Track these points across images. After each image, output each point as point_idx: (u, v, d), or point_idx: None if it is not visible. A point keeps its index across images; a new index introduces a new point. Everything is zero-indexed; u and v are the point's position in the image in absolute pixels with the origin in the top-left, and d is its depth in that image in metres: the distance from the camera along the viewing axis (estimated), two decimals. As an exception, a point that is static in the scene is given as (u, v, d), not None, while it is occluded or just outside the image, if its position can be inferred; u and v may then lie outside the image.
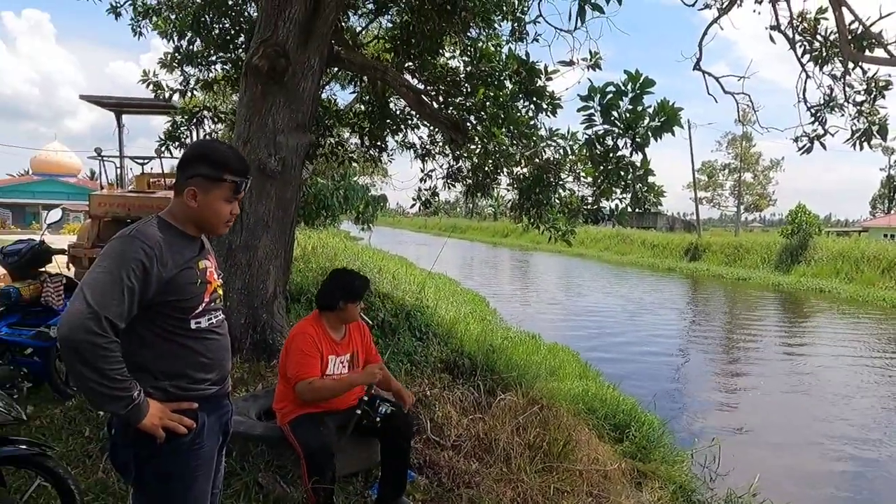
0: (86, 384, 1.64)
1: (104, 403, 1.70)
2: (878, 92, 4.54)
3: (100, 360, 1.61)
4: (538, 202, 6.26)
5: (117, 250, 1.71)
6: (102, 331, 1.61)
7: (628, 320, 15.50)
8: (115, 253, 1.71)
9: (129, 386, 1.68)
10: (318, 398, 3.06)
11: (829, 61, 4.61)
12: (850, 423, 7.80)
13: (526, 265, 33.08)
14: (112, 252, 1.71)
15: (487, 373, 5.85)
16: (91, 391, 1.66)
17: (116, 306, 1.64)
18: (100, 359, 1.61)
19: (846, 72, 4.55)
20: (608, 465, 4.70)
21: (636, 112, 4.67)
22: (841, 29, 4.08)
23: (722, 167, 50.72)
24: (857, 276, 23.88)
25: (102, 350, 1.61)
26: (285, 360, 3.15)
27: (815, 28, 4.58)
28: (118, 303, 1.65)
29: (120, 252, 1.70)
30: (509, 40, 6.58)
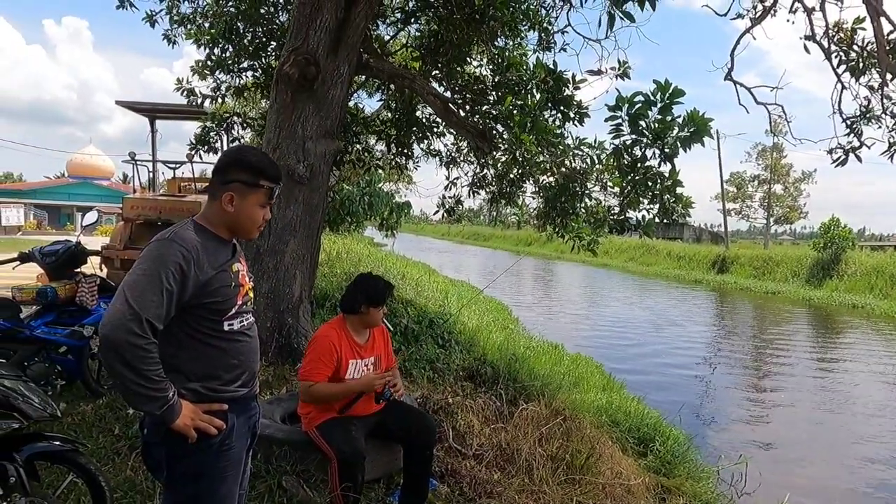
0: (124, 384, 1.69)
1: (141, 403, 1.73)
2: (917, 103, 4.44)
3: (139, 360, 1.65)
4: (564, 211, 6.23)
5: (156, 253, 1.75)
6: (143, 332, 1.65)
7: (653, 332, 15.27)
8: (154, 256, 1.75)
9: (165, 387, 1.72)
10: (315, 400, 3.13)
11: (866, 72, 4.51)
12: (883, 443, 7.55)
13: (549, 274, 32.87)
14: (151, 255, 1.76)
15: (510, 382, 5.82)
16: (128, 391, 1.70)
17: (156, 308, 1.69)
18: (139, 359, 1.65)
19: (884, 83, 4.44)
20: (631, 479, 4.62)
21: (665, 122, 4.63)
22: (879, 39, 3.99)
23: (751, 178, 49.72)
24: (892, 291, 23.16)
25: (142, 351, 1.65)
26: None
27: (852, 38, 4.48)
28: (157, 304, 1.69)
29: (158, 255, 1.75)
30: (537, 49, 6.58)
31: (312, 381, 3.08)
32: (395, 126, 7.31)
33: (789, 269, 29.25)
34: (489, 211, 11.95)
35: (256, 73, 7.03)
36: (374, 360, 3.32)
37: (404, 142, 7.28)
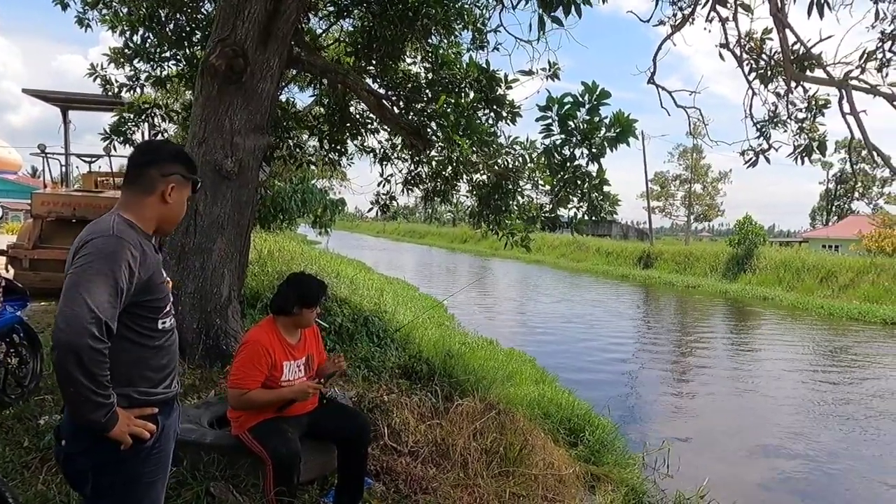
0: (78, 391, 1.57)
1: (89, 412, 1.62)
2: (817, 110, 4.80)
3: (97, 365, 1.56)
4: (497, 208, 6.34)
5: (106, 251, 1.65)
6: (102, 335, 1.56)
7: (584, 326, 15.79)
8: (103, 253, 1.64)
9: (111, 392, 1.63)
10: (247, 408, 3.03)
11: (774, 80, 4.85)
12: (792, 427, 8.14)
13: (484, 271, 33.31)
14: (99, 252, 1.65)
15: (445, 378, 5.87)
16: (80, 399, 1.58)
17: (111, 308, 1.60)
18: (97, 364, 1.56)
19: (789, 90, 4.79)
20: (563, 469, 4.77)
21: (593, 123, 4.79)
22: (784, 49, 4.30)
23: (674, 178, 52.38)
24: (797, 284, 25.01)
25: (101, 356, 1.57)
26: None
27: (761, 48, 4.81)
28: (112, 305, 1.61)
29: (109, 252, 1.65)
30: (470, 48, 6.65)
31: (245, 388, 2.98)
32: (329, 122, 7.19)
33: (708, 264, 31.01)
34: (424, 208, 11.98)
35: (180, 63, 6.71)
36: (307, 360, 3.26)
37: (338, 138, 7.18)
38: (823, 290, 23.62)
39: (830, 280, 24.07)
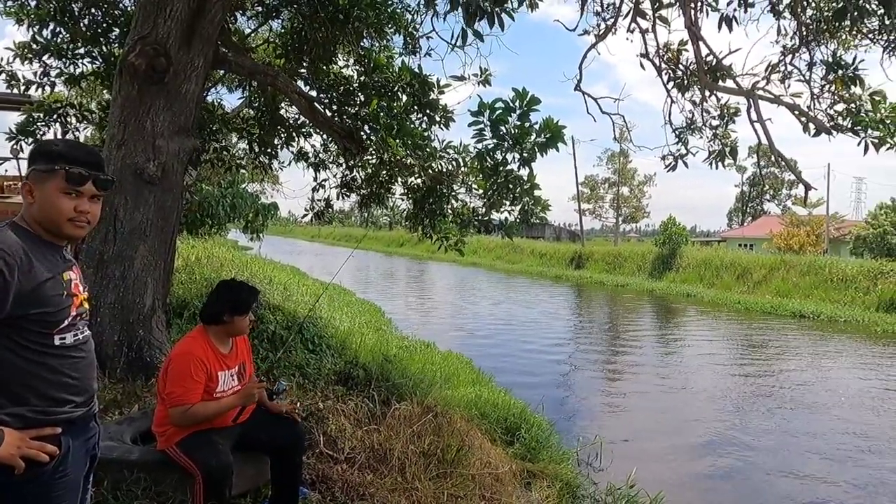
0: None
1: None
2: (729, 118, 5.14)
3: None
4: (432, 212, 6.38)
5: None
6: None
7: (520, 327, 16.09)
8: None
9: None
10: (192, 423, 2.90)
11: (690, 89, 5.15)
12: (713, 418, 8.61)
13: (421, 274, 33.36)
14: None
15: (383, 383, 5.83)
16: None
17: None
18: None
19: (704, 99, 5.10)
20: (500, 467, 4.85)
21: (523, 128, 4.91)
22: (698, 60, 4.57)
23: (603, 181, 54.37)
24: (717, 281, 26.52)
25: None
26: (164, 380, 2.96)
27: (678, 58, 5.09)
28: None
29: None
30: (402, 53, 6.66)
31: (188, 403, 2.84)
32: (259, 124, 7.01)
33: (635, 264, 32.37)
34: (360, 212, 11.85)
35: (96, 60, 6.36)
36: (240, 368, 3.17)
37: (268, 141, 7.01)
38: (740, 287, 25.15)
39: (746, 277, 25.65)
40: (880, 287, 20.63)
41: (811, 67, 4.47)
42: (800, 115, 4.44)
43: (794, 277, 23.82)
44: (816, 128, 4.37)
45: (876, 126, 4.15)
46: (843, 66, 4.31)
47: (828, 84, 4.40)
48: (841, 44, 4.70)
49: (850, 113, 4.27)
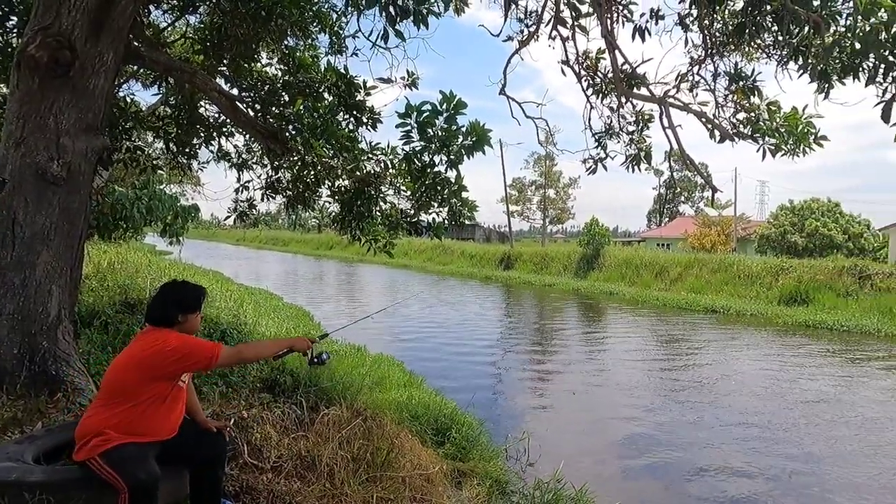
0: None
1: None
2: (643, 124, 5.42)
3: None
4: (360, 214, 6.32)
5: None
6: None
7: (451, 328, 16.22)
8: None
9: None
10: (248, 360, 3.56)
11: (608, 95, 5.39)
12: (636, 409, 9.02)
13: (351, 277, 32.95)
14: None
15: (311, 388, 5.71)
16: None
17: None
18: None
19: (620, 105, 5.35)
20: (430, 468, 4.87)
21: (450, 131, 4.97)
22: (615, 68, 4.79)
23: (530, 184, 55.75)
24: (637, 280, 27.80)
25: None
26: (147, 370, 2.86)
27: (596, 66, 5.32)
28: None
29: None
30: (328, 52, 6.57)
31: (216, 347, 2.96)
32: (176, 123, 6.70)
33: (562, 264, 33.40)
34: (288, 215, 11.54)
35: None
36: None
37: (186, 141, 6.71)
38: (658, 284, 26.48)
39: (663, 275, 27.04)
40: (781, 282, 22.30)
41: (716, 78, 4.80)
42: (706, 123, 4.75)
43: (706, 275, 25.33)
44: (721, 134, 4.70)
45: (772, 134, 4.51)
46: (743, 77, 4.66)
47: (730, 94, 4.74)
48: (744, 56, 5.05)
49: (750, 121, 4.62)
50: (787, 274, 22.60)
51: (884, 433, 8.01)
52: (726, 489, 6.16)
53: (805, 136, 4.55)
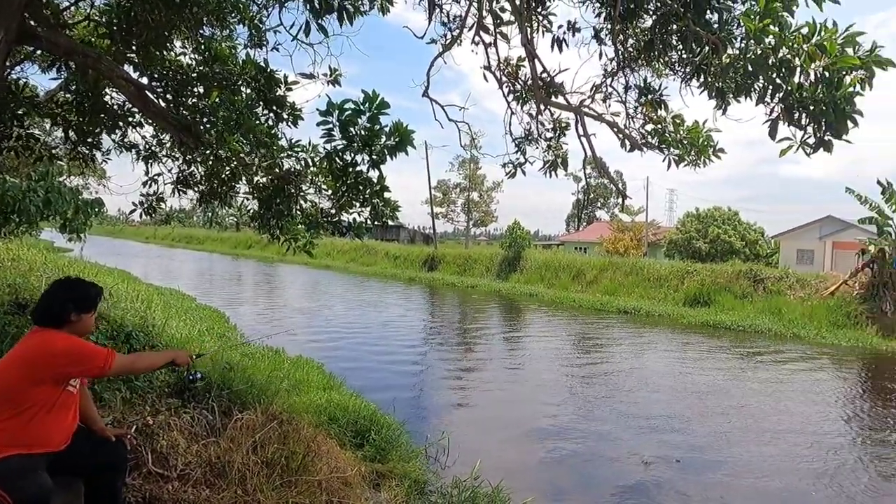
0: None
1: None
2: (560, 131, 5.64)
3: None
4: (279, 213, 6.14)
5: None
6: None
7: (373, 329, 16.10)
8: None
9: None
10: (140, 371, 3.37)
11: (527, 102, 5.55)
12: (553, 405, 9.33)
13: (271, 277, 31.96)
14: None
15: (224, 392, 5.50)
16: None
17: None
18: None
19: (539, 112, 5.52)
20: (348, 471, 4.82)
21: (373, 130, 4.93)
22: (534, 76, 4.95)
23: (455, 186, 56.36)
24: (556, 281, 28.76)
25: None
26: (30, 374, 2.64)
27: (517, 73, 5.47)
28: None
29: None
30: (247, 45, 6.34)
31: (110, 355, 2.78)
32: (77, 111, 6.24)
33: (484, 266, 33.98)
34: (203, 212, 10.98)
35: None
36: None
37: (89, 130, 6.27)
38: (575, 286, 27.52)
39: (580, 277, 28.13)
40: (686, 285, 23.78)
41: (627, 90, 5.06)
42: (618, 132, 5.01)
43: (619, 277, 26.59)
44: (631, 144, 4.97)
45: (676, 145, 4.83)
46: (651, 91, 4.95)
47: (640, 106, 5.02)
48: (654, 72, 5.36)
49: (657, 133, 4.92)
50: (691, 277, 24.12)
51: (762, 421, 8.74)
52: (632, 477, 6.50)
53: (705, 149, 4.90)
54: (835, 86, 3.55)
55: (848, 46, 3.52)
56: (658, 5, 4.41)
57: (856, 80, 3.53)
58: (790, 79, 3.71)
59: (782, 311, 19.60)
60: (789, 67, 3.69)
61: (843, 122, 3.62)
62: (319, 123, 4.87)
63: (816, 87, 3.62)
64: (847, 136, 3.69)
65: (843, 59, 3.49)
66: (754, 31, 3.53)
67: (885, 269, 18.69)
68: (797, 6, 3.59)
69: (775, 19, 3.58)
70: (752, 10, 3.71)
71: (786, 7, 3.53)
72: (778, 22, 3.62)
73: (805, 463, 7.20)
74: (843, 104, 3.59)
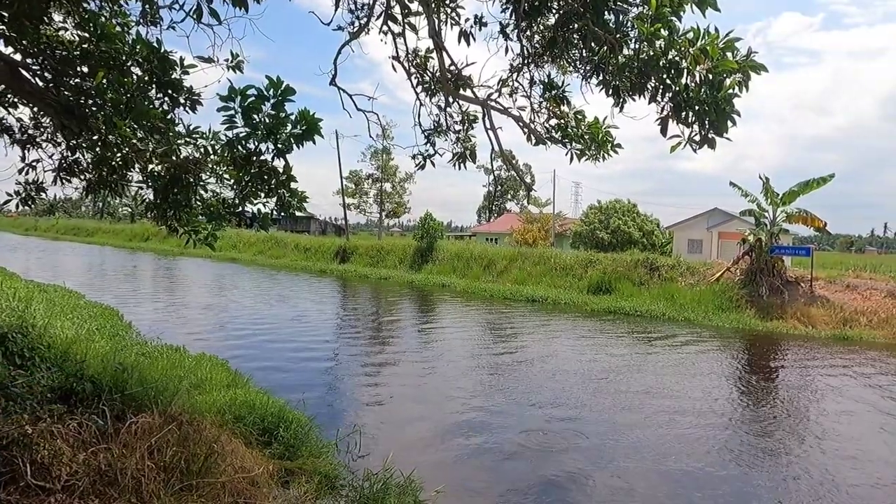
0: None
1: None
2: (469, 124, 5.71)
3: None
4: (177, 203, 5.79)
5: None
6: None
7: (283, 323, 15.64)
8: None
9: None
10: None
11: (436, 94, 5.57)
12: (462, 395, 9.50)
13: (171, 272, 30.16)
14: None
15: (116, 395, 5.14)
16: None
17: None
18: None
19: (448, 104, 5.56)
20: (255, 470, 4.67)
21: (278, 118, 4.76)
22: (442, 68, 4.98)
23: (367, 177, 55.64)
24: (468, 272, 29.24)
25: None
26: None
27: (425, 64, 5.47)
28: None
29: None
30: (139, 22, 5.90)
31: None
32: (-65, 87, 5.55)
33: (397, 257, 33.90)
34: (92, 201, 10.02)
35: None
36: None
37: (-50, 110, 5.60)
38: (486, 276, 28.12)
39: (491, 267, 28.77)
40: (590, 273, 24.97)
41: (532, 86, 5.21)
42: (523, 127, 5.14)
43: (528, 267, 27.47)
44: (535, 138, 5.13)
45: (578, 140, 5.04)
46: (555, 87, 5.13)
47: (544, 101, 5.18)
48: (559, 68, 5.54)
49: (560, 127, 5.10)
50: (594, 266, 25.36)
51: (662, 402, 9.41)
52: (538, 464, 6.77)
53: (605, 144, 5.14)
54: (716, 87, 3.84)
55: (728, 51, 3.82)
56: (560, 4, 4.56)
57: (735, 83, 3.85)
58: (678, 80, 3.98)
59: (675, 297, 21.07)
60: (677, 69, 3.96)
61: (724, 120, 3.93)
62: (220, 109, 4.64)
63: (701, 88, 3.90)
64: (727, 133, 4.01)
65: (723, 63, 3.79)
66: (646, 34, 3.75)
67: (762, 257, 20.58)
68: (684, 11, 3.85)
69: (665, 23, 3.82)
70: (644, 13, 3.93)
71: (674, 12, 3.77)
72: (668, 26, 3.87)
73: (698, 442, 7.81)
74: (724, 104, 3.89)
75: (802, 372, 12.13)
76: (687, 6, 3.86)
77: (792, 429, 8.34)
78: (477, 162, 6.00)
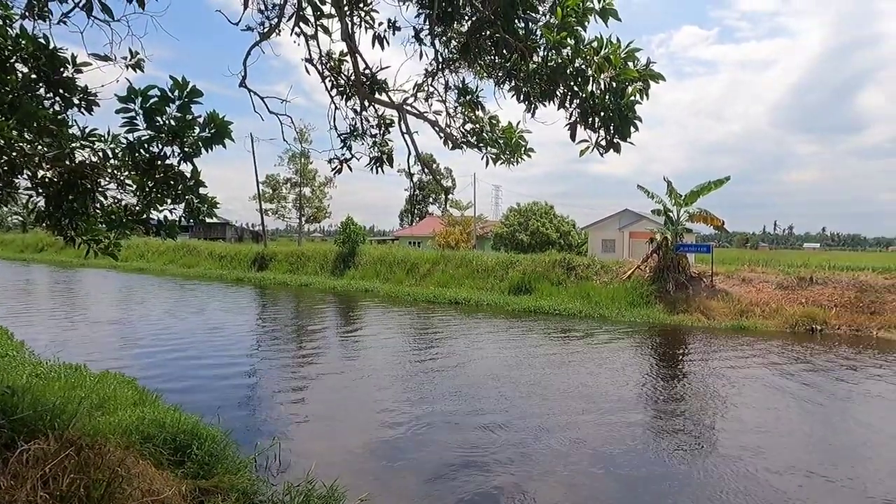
0: None
1: None
2: (385, 128, 5.69)
3: None
4: (73, 211, 5.39)
5: None
6: None
7: (195, 336, 14.90)
8: None
9: None
10: None
11: (352, 98, 5.51)
12: (387, 402, 9.43)
13: (70, 285, 27.99)
14: None
15: (3, 421, 4.70)
16: None
17: None
18: None
19: (363, 108, 5.52)
20: (165, 492, 4.42)
21: (185, 121, 4.55)
22: (356, 72, 4.94)
23: (285, 181, 54.16)
24: (391, 276, 29.11)
25: None
26: None
27: (340, 67, 5.40)
28: None
29: None
30: (25, 15, 5.45)
31: None
32: None
33: (318, 263, 33.21)
34: (-26, 210, 8.94)
35: None
36: None
37: None
38: (410, 280, 28.11)
39: (414, 271, 28.80)
40: (511, 275, 25.55)
41: (447, 90, 5.27)
42: (439, 131, 5.19)
43: (451, 269, 27.72)
44: (451, 143, 5.19)
45: (493, 144, 5.15)
46: (469, 92, 5.22)
47: (459, 106, 5.26)
48: (476, 74, 5.62)
49: (476, 132, 5.19)
50: (514, 267, 25.98)
51: (582, 396, 9.78)
52: (464, 465, 6.84)
53: (518, 148, 5.28)
54: (619, 94, 4.05)
55: (629, 60, 4.04)
56: (473, 11, 4.65)
57: (636, 91, 4.07)
58: (585, 87, 4.16)
59: (591, 295, 21.97)
60: (584, 77, 4.14)
61: (627, 126, 4.15)
62: (119, 111, 4.37)
63: (605, 96, 4.10)
64: (631, 138, 4.24)
65: (625, 72, 4.00)
66: (553, 42, 3.89)
67: (668, 255, 21.88)
68: (588, 22, 4.03)
69: (571, 32, 3.98)
70: (551, 22, 4.08)
71: (579, 21, 3.93)
72: (574, 35, 4.04)
73: (614, 436, 8.17)
74: (627, 111, 4.11)
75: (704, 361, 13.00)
76: (591, 16, 4.05)
77: (701, 408, 8.92)
78: (395, 166, 5.99)
